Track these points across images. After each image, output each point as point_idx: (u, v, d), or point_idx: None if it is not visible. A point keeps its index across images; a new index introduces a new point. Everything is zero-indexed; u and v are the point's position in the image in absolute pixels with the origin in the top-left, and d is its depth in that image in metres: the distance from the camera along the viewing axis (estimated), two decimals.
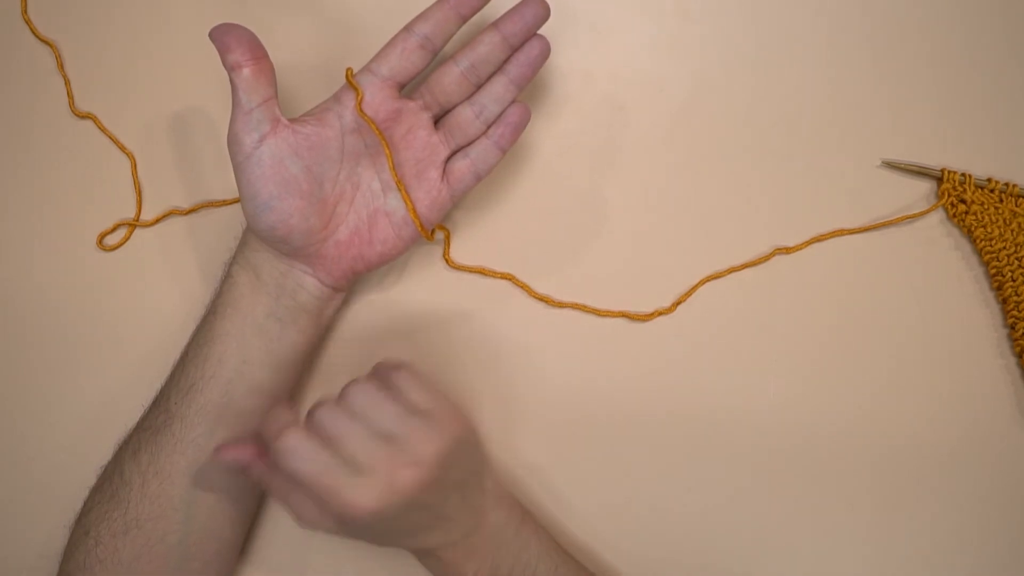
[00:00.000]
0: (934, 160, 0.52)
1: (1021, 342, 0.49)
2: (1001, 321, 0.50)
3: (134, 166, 0.52)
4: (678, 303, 0.50)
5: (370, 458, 0.37)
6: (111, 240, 0.52)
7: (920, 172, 0.52)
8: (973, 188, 0.51)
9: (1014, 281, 0.50)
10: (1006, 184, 0.51)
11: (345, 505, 0.36)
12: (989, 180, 0.51)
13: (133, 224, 0.51)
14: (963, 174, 0.51)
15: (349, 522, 0.37)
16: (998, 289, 0.50)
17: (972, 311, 0.51)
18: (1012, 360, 0.50)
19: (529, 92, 0.54)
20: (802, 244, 0.51)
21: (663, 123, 0.53)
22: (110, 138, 0.53)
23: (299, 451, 0.37)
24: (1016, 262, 0.50)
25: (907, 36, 0.54)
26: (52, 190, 0.52)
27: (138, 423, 0.44)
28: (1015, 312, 0.49)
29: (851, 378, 0.50)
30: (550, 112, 0.53)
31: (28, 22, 0.54)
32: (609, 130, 0.53)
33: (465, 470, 0.40)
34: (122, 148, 0.53)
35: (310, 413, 0.39)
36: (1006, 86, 0.53)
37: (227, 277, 0.45)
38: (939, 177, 0.51)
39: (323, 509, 0.37)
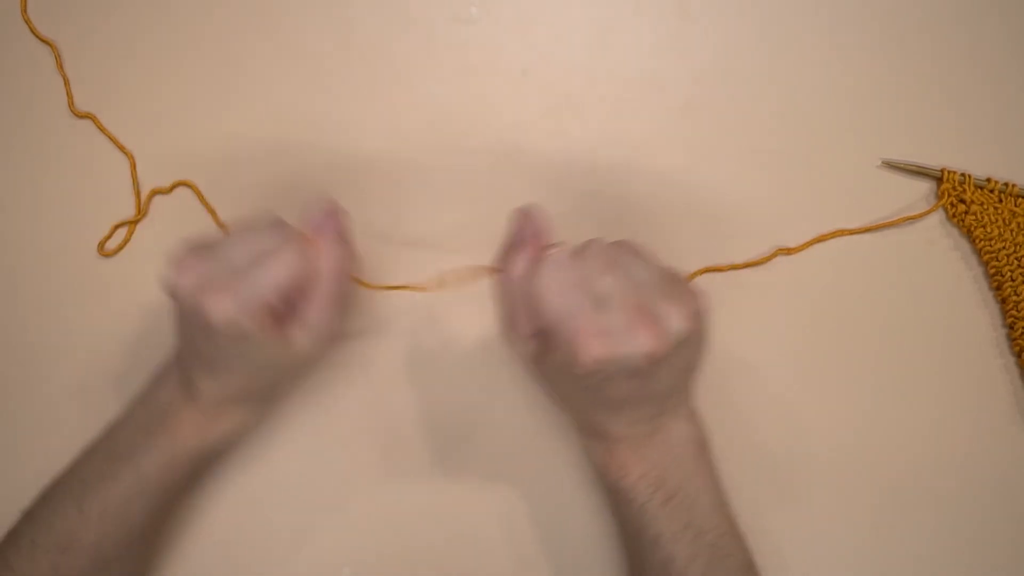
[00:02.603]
0: (934, 160, 0.52)
1: (1020, 341, 0.49)
2: (1000, 321, 0.50)
3: (133, 166, 0.52)
4: None
5: (624, 305, 0.35)
6: (111, 244, 0.51)
7: (920, 172, 0.52)
8: (972, 188, 0.51)
9: (1013, 281, 0.50)
10: (1005, 184, 0.51)
11: (578, 346, 0.35)
12: (988, 180, 0.51)
13: (133, 223, 0.51)
14: (963, 174, 0.51)
15: (570, 364, 0.35)
16: (997, 289, 0.50)
17: (971, 311, 0.51)
18: (1011, 359, 0.50)
19: (527, 92, 0.54)
20: (804, 245, 0.51)
21: (663, 123, 0.53)
22: (109, 138, 0.53)
23: (561, 274, 0.36)
24: (1015, 262, 0.50)
25: (907, 36, 0.54)
26: (51, 190, 0.52)
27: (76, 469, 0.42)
28: (1014, 312, 0.49)
29: (850, 377, 0.49)
30: (549, 112, 0.53)
31: (28, 22, 0.54)
32: (609, 130, 0.53)
33: (690, 358, 0.39)
34: (121, 148, 0.52)
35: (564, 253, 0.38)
36: (1006, 86, 0.53)
37: None
38: (939, 177, 0.51)
39: (549, 339, 0.36)
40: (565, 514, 0.47)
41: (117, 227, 0.51)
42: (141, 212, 0.51)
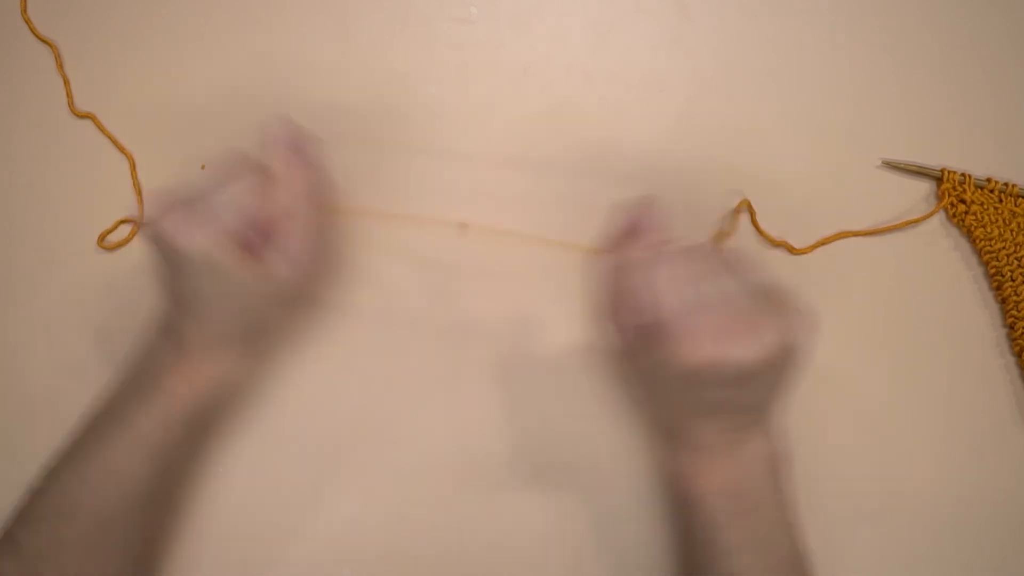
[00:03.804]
0: (934, 160, 0.52)
1: (1020, 341, 0.49)
2: (1000, 321, 0.50)
3: (133, 167, 0.52)
4: None
5: (735, 311, 0.36)
6: (111, 240, 0.51)
7: (920, 172, 0.52)
8: (973, 188, 0.51)
9: (1013, 281, 0.50)
10: (1005, 184, 0.51)
11: (686, 344, 0.35)
12: (989, 180, 0.51)
13: (136, 222, 0.51)
14: (963, 174, 0.51)
15: (671, 363, 0.35)
16: (997, 289, 0.50)
17: (971, 311, 0.51)
18: (1011, 359, 0.50)
19: (527, 92, 0.54)
20: (808, 247, 0.51)
21: (663, 123, 0.53)
22: (109, 138, 0.53)
23: (677, 270, 0.36)
24: (1015, 262, 0.50)
25: (907, 36, 0.54)
26: (51, 189, 0.52)
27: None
28: (1014, 312, 0.49)
29: (848, 377, 0.49)
30: (549, 112, 0.53)
31: (28, 22, 0.54)
32: (609, 130, 0.53)
33: (782, 375, 0.38)
34: (121, 149, 0.52)
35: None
36: (1006, 86, 0.53)
37: None
38: (939, 177, 0.51)
39: (653, 333, 0.36)
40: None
41: (121, 223, 0.51)
42: (143, 215, 0.51)
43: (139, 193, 0.52)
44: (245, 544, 0.47)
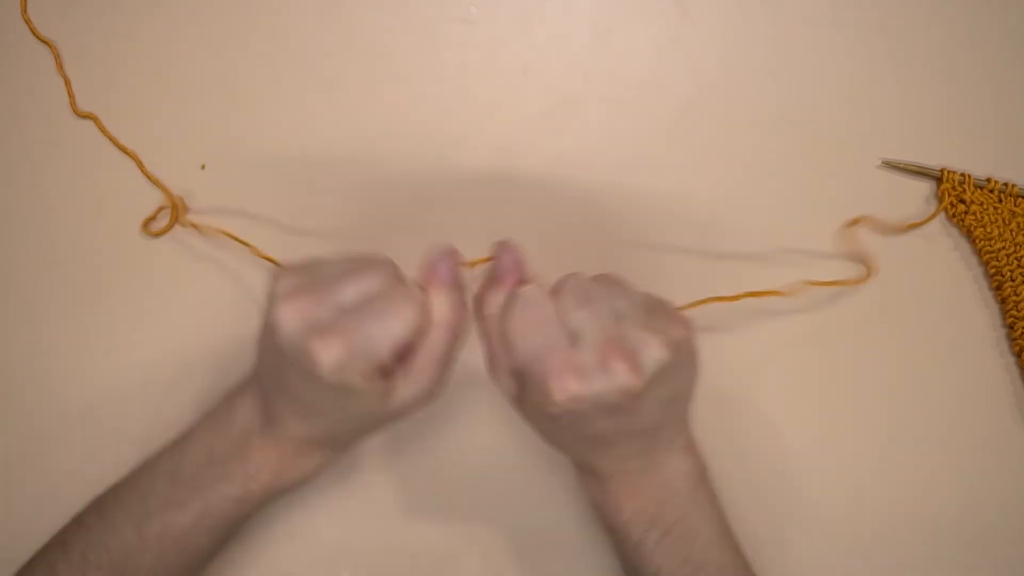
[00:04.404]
0: (934, 160, 0.52)
1: (1020, 341, 0.49)
2: (1000, 321, 0.50)
3: (140, 165, 0.52)
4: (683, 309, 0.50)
5: (597, 341, 0.35)
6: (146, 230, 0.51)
7: (920, 172, 0.52)
8: (972, 188, 0.51)
9: (1013, 281, 0.50)
10: (1005, 184, 0.51)
11: (548, 385, 0.34)
12: (988, 180, 0.51)
13: (175, 214, 0.51)
14: (962, 174, 0.51)
15: (543, 404, 0.35)
16: (997, 289, 0.50)
17: (971, 311, 0.51)
18: (1011, 359, 0.50)
19: (527, 92, 0.54)
20: (829, 282, 0.50)
21: (663, 123, 0.53)
22: (111, 139, 0.53)
23: (531, 312, 0.36)
24: (1015, 262, 0.50)
25: (907, 36, 0.54)
26: (52, 191, 0.52)
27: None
28: (1014, 312, 0.49)
29: (848, 377, 0.50)
30: (549, 112, 0.53)
31: (28, 22, 0.54)
32: (609, 130, 0.53)
33: (677, 389, 0.38)
34: (123, 149, 0.52)
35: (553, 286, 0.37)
36: (1006, 86, 0.53)
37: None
38: (939, 177, 0.51)
39: (523, 379, 0.36)
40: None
41: (161, 209, 0.51)
42: (172, 200, 0.51)
43: (158, 182, 0.51)
44: (245, 545, 0.47)
